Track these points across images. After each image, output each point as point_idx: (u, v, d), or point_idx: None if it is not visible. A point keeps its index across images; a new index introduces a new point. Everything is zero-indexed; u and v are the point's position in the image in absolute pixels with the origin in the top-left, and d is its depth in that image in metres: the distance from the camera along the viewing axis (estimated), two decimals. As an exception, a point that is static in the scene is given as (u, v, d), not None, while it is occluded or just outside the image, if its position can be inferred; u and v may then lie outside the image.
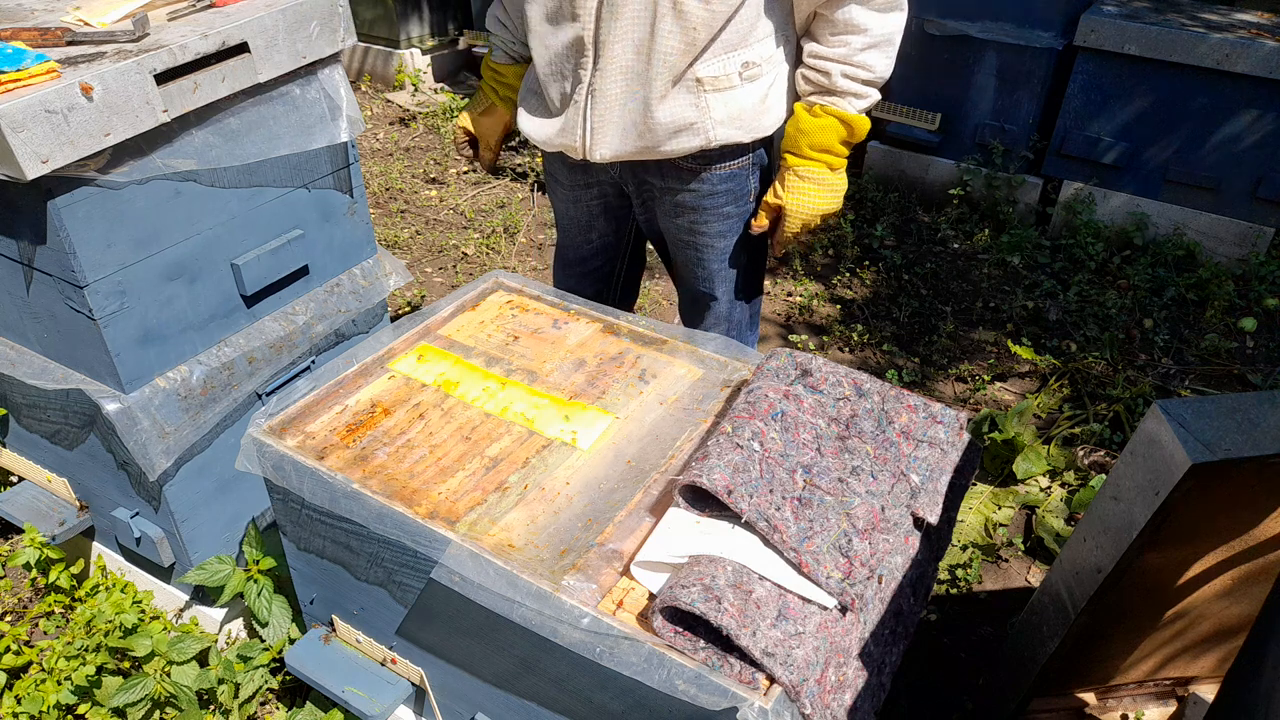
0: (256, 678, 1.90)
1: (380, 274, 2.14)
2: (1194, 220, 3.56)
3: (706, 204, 1.79)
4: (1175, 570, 1.54)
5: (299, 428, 1.52)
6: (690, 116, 1.64)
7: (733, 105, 1.65)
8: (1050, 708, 1.84)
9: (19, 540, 2.33)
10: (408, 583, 1.44)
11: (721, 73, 1.62)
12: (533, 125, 1.81)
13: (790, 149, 1.70)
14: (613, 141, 1.68)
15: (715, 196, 1.78)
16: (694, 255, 1.89)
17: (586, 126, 1.68)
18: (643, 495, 1.39)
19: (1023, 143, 3.77)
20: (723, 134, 1.67)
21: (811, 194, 1.71)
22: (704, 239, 1.85)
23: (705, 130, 1.66)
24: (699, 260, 1.89)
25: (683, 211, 1.82)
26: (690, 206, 1.80)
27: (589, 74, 1.62)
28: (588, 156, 1.72)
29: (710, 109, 1.64)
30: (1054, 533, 2.40)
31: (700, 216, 1.81)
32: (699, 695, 1.13)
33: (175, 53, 1.57)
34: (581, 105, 1.66)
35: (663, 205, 1.84)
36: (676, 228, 1.86)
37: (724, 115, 1.65)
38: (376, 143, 4.73)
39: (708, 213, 1.81)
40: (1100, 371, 3.01)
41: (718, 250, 1.86)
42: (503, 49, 1.94)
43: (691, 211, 1.81)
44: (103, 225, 1.58)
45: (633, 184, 1.86)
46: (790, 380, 1.48)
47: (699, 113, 1.64)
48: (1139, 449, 1.38)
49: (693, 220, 1.82)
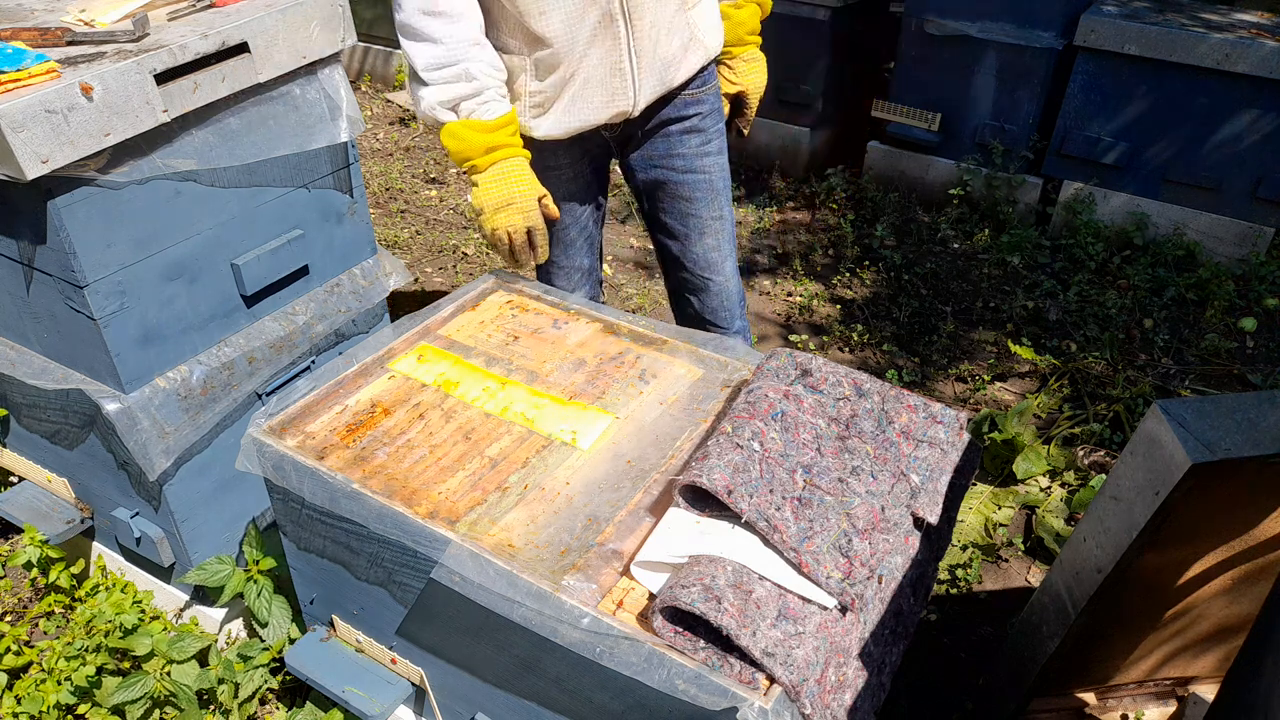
0: (256, 677, 1.90)
1: (380, 274, 2.14)
2: (1194, 220, 3.56)
3: (708, 123, 1.97)
4: (1175, 570, 1.54)
5: (299, 428, 1.52)
6: (688, 34, 1.82)
7: (705, 14, 1.86)
8: (1050, 708, 1.84)
9: (19, 540, 2.33)
10: (408, 583, 1.44)
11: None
12: (556, 120, 1.78)
13: (730, 41, 1.99)
14: (647, 90, 1.81)
15: (713, 115, 1.98)
16: (704, 179, 2.00)
17: (635, 86, 1.78)
18: (643, 495, 1.39)
19: (1023, 143, 3.77)
20: (711, 40, 1.89)
21: (759, 72, 2.06)
22: (710, 158, 2.00)
23: (701, 42, 1.86)
24: (708, 183, 2.01)
25: (690, 136, 1.96)
26: (697, 129, 1.96)
27: (625, 39, 1.72)
28: (633, 114, 1.82)
29: (696, 24, 1.84)
30: (1054, 533, 2.40)
31: (706, 136, 1.97)
32: (699, 695, 1.13)
33: (175, 53, 1.57)
34: (627, 69, 1.75)
35: (669, 139, 1.95)
36: (684, 159, 1.97)
37: (704, 24, 1.86)
38: (376, 143, 4.73)
39: (711, 131, 1.98)
40: (1100, 371, 3.01)
41: (720, 167, 2.03)
42: (499, 92, 1.71)
43: (699, 134, 1.96)
44: (103, 225, 1.58)
45: (635, 132, 1.94)
46: (790, 380, 1.48)
47: (691, 28, 1.83)
48: (1139, 449, 1.38)
49: (700, 142, 1.97)
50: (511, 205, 1.72)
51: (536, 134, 1.80)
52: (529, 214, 1.74)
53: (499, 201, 1.71)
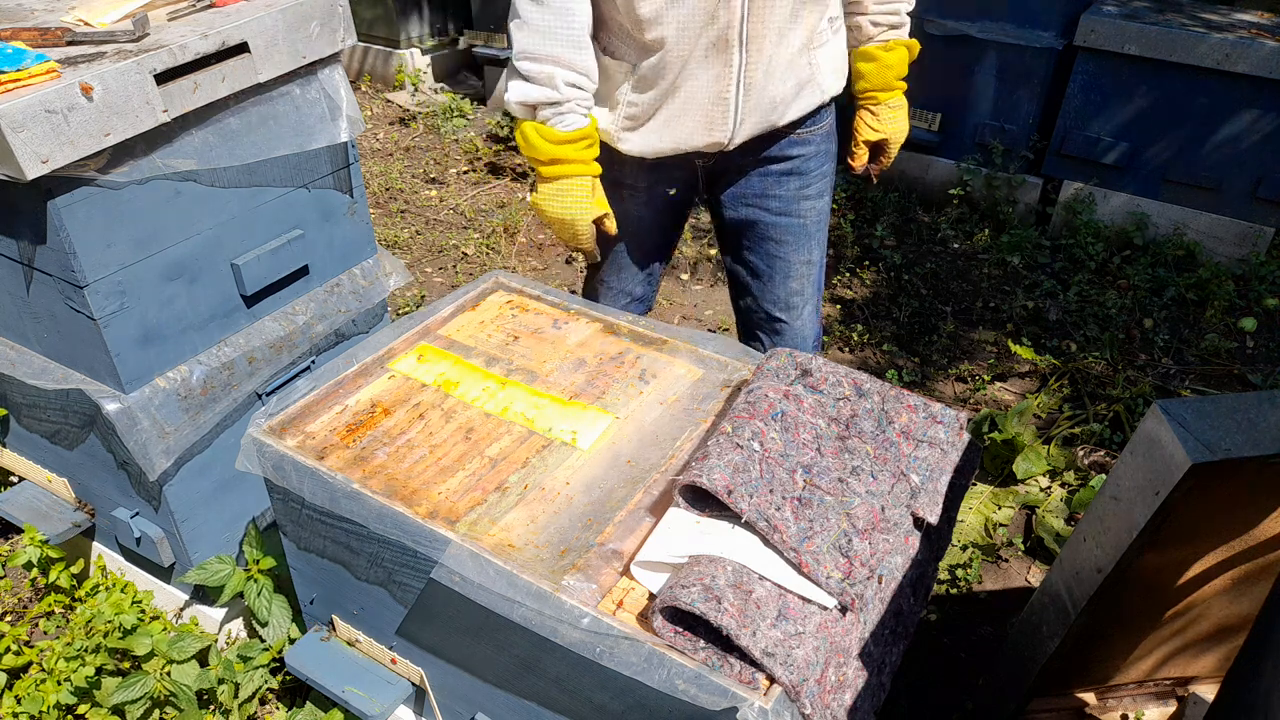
0: (256, 677, 1.90)
1: (380, 274, 2.14)
2: (1194, 220, 3.56)
3: (812, 165, 1.88)
4: (1175, 570, 1.54)
5: (299, 428, 1.52)
6: (807, 74, 1.73)
7: (831, 57, 1.78)
8: (1050, 708, 1.84)
9: (19, 540, 2.33)
10: (408, 583, 1.44)
11: (819, 29, 1.71)
12: (647, 137, 1.74)
13: (876, 86, 1.87)
14: (750, 125, 1.73)
15: (819, 157, 1.88)
16: (797, 223, 1.91)
17: (736, 118, 1.70)
18: (643, 495, 1.39)
19: (1023, 143, 3.77)
20: (830, 84, 1.79)
21: (903, 119, 1.93)
22: (808, 202, 1.90)
23: (819, 85, 1.76)
24: (802, 227, 1.91)
25: (790, 178, 1.87)
26: (799, 171, 1.87)
27: (737, 69, 1.64)
28: (728, 147, 1.75)
29: (819, 65, 1.74)
30: (1054, 533, 2.40)
31: (808, 180, 1.88)
32: (699, 695, 1.13)
33: (175, 53, 1.57)
34: (731, 99, 1.67)
35: (767, 179, 1.86)
36: (781, 200, 1.88)
37: (828, 67, 1.77)
38: (376, 143, 4.73)
39: (813, 174, 1.89)
40: (1100, 371, 3.01)
41: (817, 211, 1.93)
42: (580, 110, 1.65)
43: (800, 176, 1.87)
44: (103, 225, 1.58)
45: (731, 167, 1.85)
46: (790, 380, 1.48)
47: (813, 69, 1.74)
48: (1139, 449, 1.38)
49: (800, 185, 1.88)
50: (563, 223, 1.72)
51: (622, 148, 1.75)
52: (579, 237, 1.75)
53: (553, 216, 1.72)
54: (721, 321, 3.40)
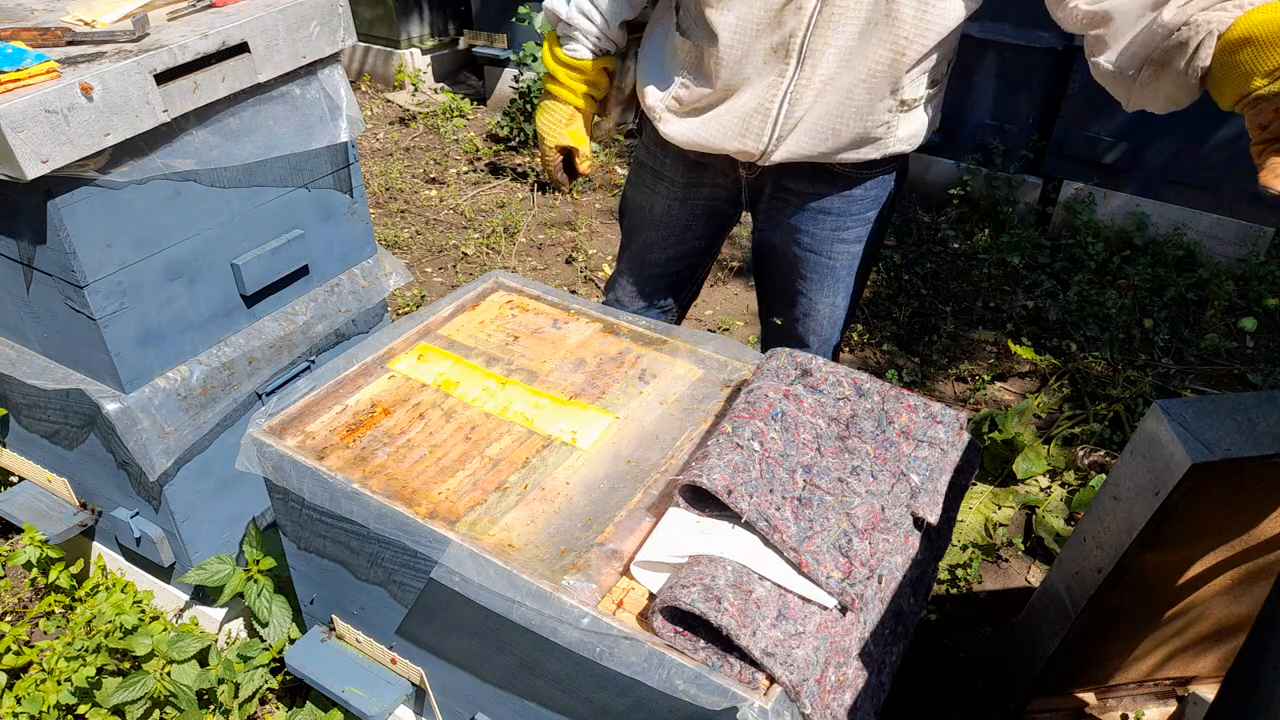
0: (256, 677, 1.90)
1: (380, 274, 2.14)
2: (1194, 220, 3.56)
3: (854, 209, 1.78)
4: (1175, 570, 1.55)
5: (299, 428, 1.52)
6: (880, 133, 1.63)
7: (914, 123, 1.67)
8: (1050, 708, 1.84)
9: (19, 540, 2.33)
10: (408, 583, 1.44)
11: (918, 94, 1.62)
12: (686, 127, 1.69)
13: (1265, 67, 1.25)
14: (792, 146, 1.63)
15: (864, 202, 1.77)
16: (825, 263, 1.83)
17: (774, 134, 1.62)
18: (643, 495, 1.39)
19: (1023, 143, 3.77)
20: (898, 147, 1.68)
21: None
22: (841, 245, 1.81)
23: (886, 145, 1.66)
24: (830, 269, 1.84)
25: (826, 217, 1.78)
26: (836, 212, 1.77)
27: (789, 81, 1.56)
28: (761, 161, 1.67)
29: (899, 127, 1.64)
30: (1054, 533, 2.40)
31: (844, 221, 1.79)
32: (699, 695, 1.13)
33: (175, 53, 1.57)
34: (773, 111, 1.59)
35: (803, 212, 1.79)
36: (813, 237, 1.80)
37: (906, 133, 1.66)
38: (376, 143, 4.73)
39: (852, 218, 1.79)
40: (1100, 371, 3.01)
41: (850, 255, 1.83)
42: (584, 42, 1.74)
43: (836, 217, 1.78)
44: (103, 225, 1.58)
45: (770, 188, 1.79)
46: (790, 380, 1.48)
47: (887, 130, 1.63)
48: (1139, 449, 1.38)
49: (835, 226, 1.79)
50: (540, 138, 1.88)
51: (661, 128, 1.72)
52: (546, 155, 1.88)
53: (536, 128, 1.88)
54: (722, 321, 3.40)
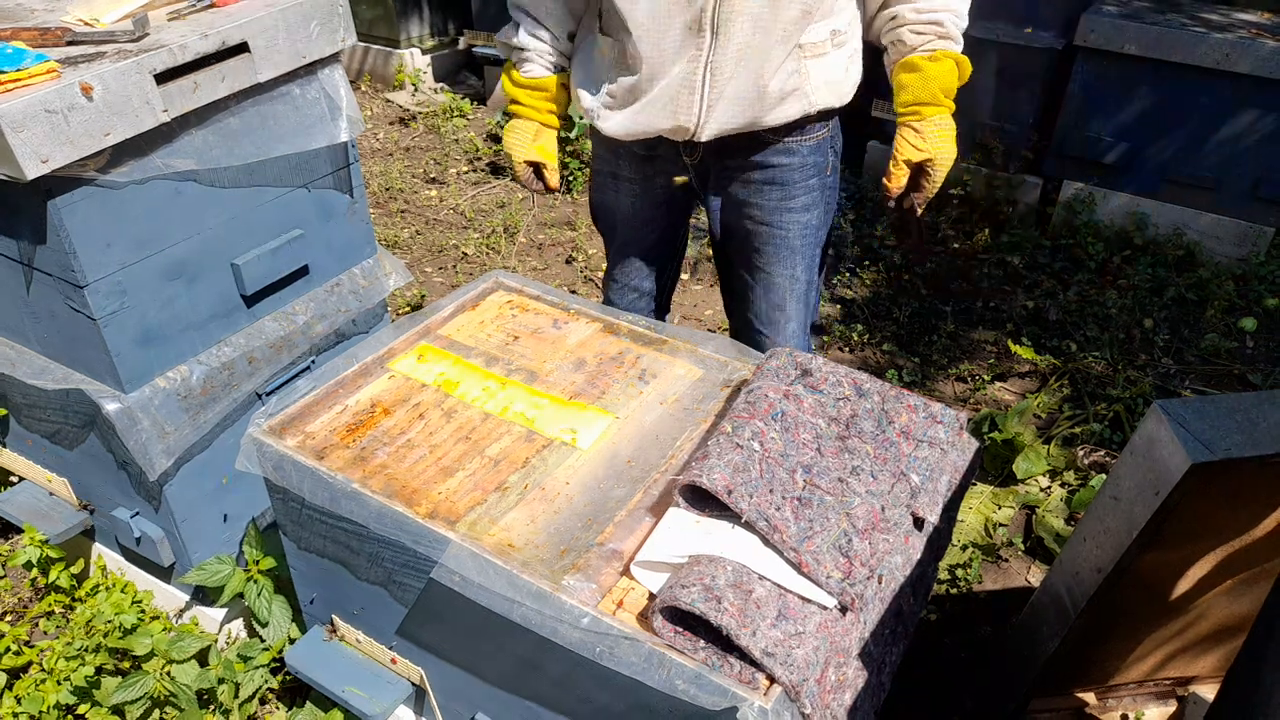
0: (256, 677, 1.90)
1: (380, 274, 2.14)
2: (1194, 220, 3.56)
3: (796, 177, 1.82)
4: (1175, 570, 1.54)
5: (299, 428, 1.52)
6: (794, 83, 1.68)
7: (827, 70, 1.71)
8: (1050, 708, 1.84)
9: (19, 540, 2.33)
10: (408, 583, 1.44)
11: (818, 39, 1.67)
12: (622, 119, 1.75)
13: (921, 100, 1.69)
14: (721, 116, 1.69)
15: (805, 169, 1.82)
16: (778, 235, 1.87)
17: (703, 105, 1.67)
18: (643, 495, 1.39)
19: (1023, 143, 3.77)
20: (821, 98, 1.72)
21: (950, 140, 1.72)
22: (790, 214, 1.85)
23: (807, 95, 1.70)
24: (784, 240, 1.88)
25: (771, 188, 1.83)
26: (779, 182, 1.82)
27: (706, 53, 1.62)
28: (696, 136, 1.71)
29: (810, 74, 1.69)
30: (1054, 533, 2.40)
31: (790, 190, 1.83)
32: (699, 695, 1.13)
33: (175, 53, 1.57)
34: (698, 84, 1.65)
35: (748, 186, 1.84)
36: (762, 209, 1.85)
37: (821, 80, 1.71)
38: (376, 143, 4.73)
39: (796, 186, 1.83)
40: (1100, 371, 3.01)
41: (800, 225, 1.87)
42: (539, 61, 1.83)
43: (781, 186, 1.83)
44: (103, 225, 1.58)
45: (715, 168, 1.84)
46: (790, 380, 1.48)
47: (800, 78, 1.68)
48: (1139, 449, 1.38)
49: (782, 195, 1.84)
50: (510, 158, 1.95)
51: (602, 127, 1.78)
52: (518, 171, 1.95)
53: (505, 147, 1.94)
54: (721, 322, 3.39)
